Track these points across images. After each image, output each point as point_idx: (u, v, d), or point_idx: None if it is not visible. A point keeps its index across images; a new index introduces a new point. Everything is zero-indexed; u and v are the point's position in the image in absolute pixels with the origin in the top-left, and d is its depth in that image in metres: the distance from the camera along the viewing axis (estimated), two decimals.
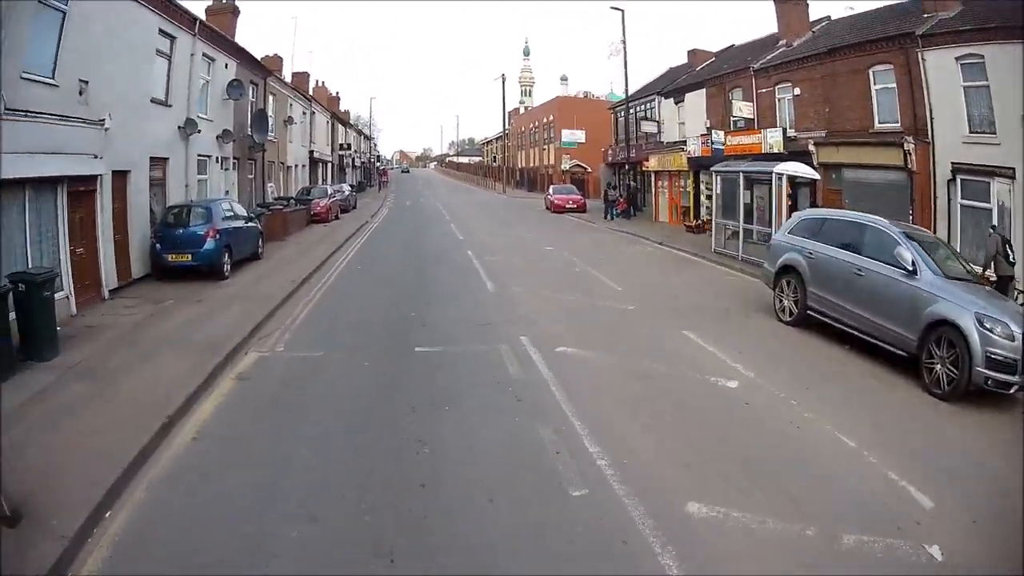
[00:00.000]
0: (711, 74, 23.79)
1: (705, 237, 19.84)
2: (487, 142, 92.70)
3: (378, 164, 74.64)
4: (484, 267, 14.09)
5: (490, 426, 5.70)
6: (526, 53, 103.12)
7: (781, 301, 9.81)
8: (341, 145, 45.65)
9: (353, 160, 54.00)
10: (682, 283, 13.16)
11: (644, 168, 26.87)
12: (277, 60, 29.05)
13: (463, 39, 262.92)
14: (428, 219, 27.26)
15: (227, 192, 17.22)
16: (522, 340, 8.23)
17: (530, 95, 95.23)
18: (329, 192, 27.09)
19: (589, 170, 45.48)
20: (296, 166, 29.78)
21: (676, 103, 26.07)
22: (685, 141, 23.18)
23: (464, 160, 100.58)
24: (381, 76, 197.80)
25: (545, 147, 51.15)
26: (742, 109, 20.11)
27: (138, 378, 6.60)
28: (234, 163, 18.16)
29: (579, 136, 46.02)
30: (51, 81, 8.74)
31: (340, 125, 46.08)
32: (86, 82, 9.37)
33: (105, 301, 10.07)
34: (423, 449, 5.23)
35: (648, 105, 28.28)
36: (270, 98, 23.27)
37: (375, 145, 77.01)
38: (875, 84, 15.05)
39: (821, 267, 9.01)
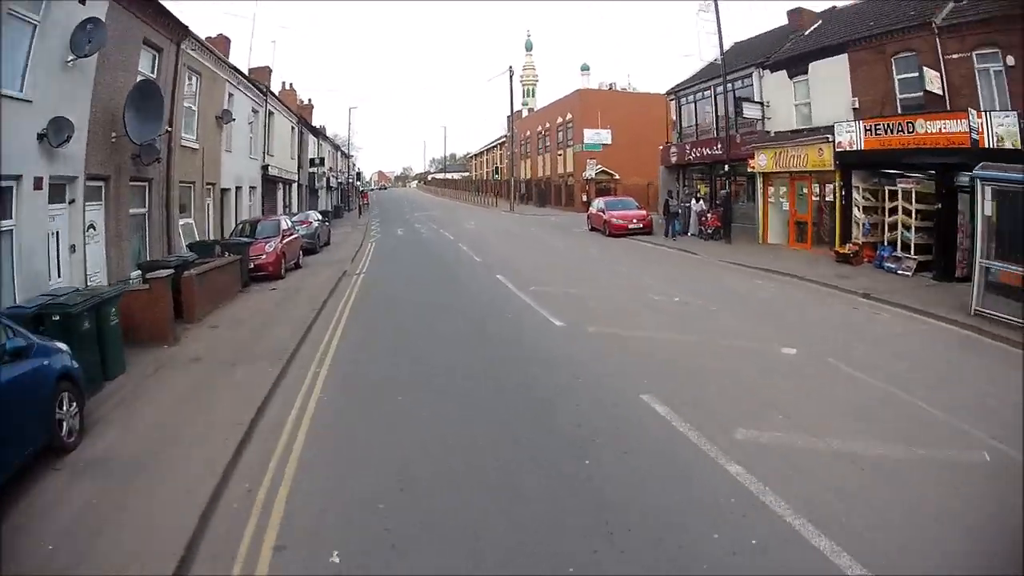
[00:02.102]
0: (853, 34, 16.66)
1: (874, 272, 13.75)
2: (474, 156, 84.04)
3: (358, 185, 65.78)
4: (750, 468, 4.82)
5: None
6: (528, 48, 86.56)
7: None
8: (312, 160, 36.81)
9: (328, 180, 45.33)
10: None
11: (750, 168, 19.14)
12: (222, 41, 20.59)
13: (449, 41, 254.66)
14: (446, 261, 17.95)
15: (72, 248, 8.96)
16: None
17: (533, 95, 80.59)
18: (284, 226, 17.29)
19: (617, 177, 38.11)
20: (240, 188, 20.44)
21: (791, 76, 18.63)
22: (825, 128, 16.23)
23: (451, 176, 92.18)
24: (355, 93, 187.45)
25: (560, 153, 43.31)
26: (932, 81, 14.04)
27: None
28: (95, 188, 9.92)
29: (604, 137, 38.72)
30: None
31: (311, 135, 37.63)
32: None
33: None
34: None
35: (741, 83, 20.66)
36: (187, 78, 14.58)
37: (355, 163, 68.26)
38: None
39: None
